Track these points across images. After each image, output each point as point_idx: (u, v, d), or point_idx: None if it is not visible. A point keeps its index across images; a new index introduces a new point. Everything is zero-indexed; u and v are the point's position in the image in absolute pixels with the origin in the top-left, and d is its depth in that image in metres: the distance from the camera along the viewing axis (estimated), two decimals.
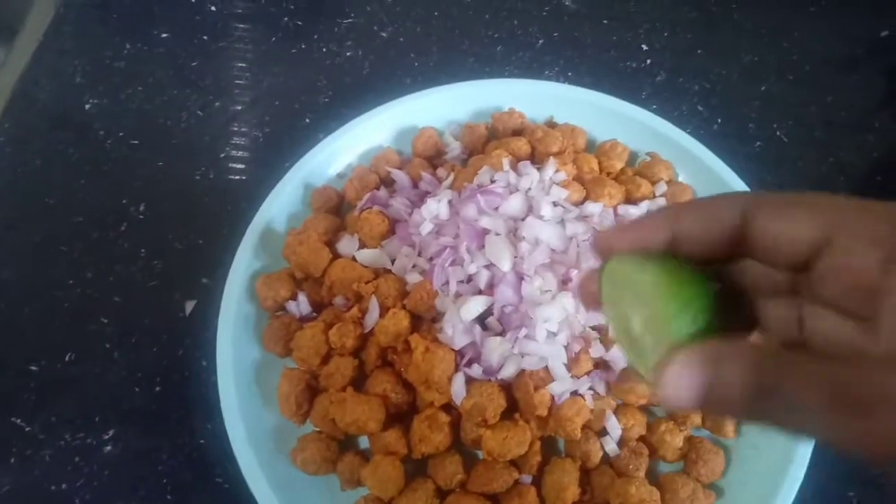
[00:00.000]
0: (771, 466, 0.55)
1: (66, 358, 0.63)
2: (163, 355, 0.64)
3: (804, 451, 0.55)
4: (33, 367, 0.63)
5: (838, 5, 0.86)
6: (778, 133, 0.77)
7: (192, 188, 0.73)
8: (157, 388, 0.62)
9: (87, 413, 0.61)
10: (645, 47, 0.83)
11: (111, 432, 0.60)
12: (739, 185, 0.67)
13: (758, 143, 0.76)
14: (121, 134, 0.76)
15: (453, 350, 0.56)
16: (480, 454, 0.55)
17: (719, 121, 0.78)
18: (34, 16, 0.84)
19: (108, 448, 0.60)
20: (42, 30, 0.83)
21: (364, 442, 0.59)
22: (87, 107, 0.78)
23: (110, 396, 0.62)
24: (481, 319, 0.57)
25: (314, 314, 0.62)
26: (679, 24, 0.84)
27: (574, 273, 0.57)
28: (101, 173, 0.74)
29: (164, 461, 0.59)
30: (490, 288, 0.58)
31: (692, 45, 0.83)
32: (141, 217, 0.71)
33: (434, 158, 0.71)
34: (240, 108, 0.78)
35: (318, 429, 0.58)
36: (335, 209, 0.67)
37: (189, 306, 0.66)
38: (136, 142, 0.76)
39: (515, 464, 0.56)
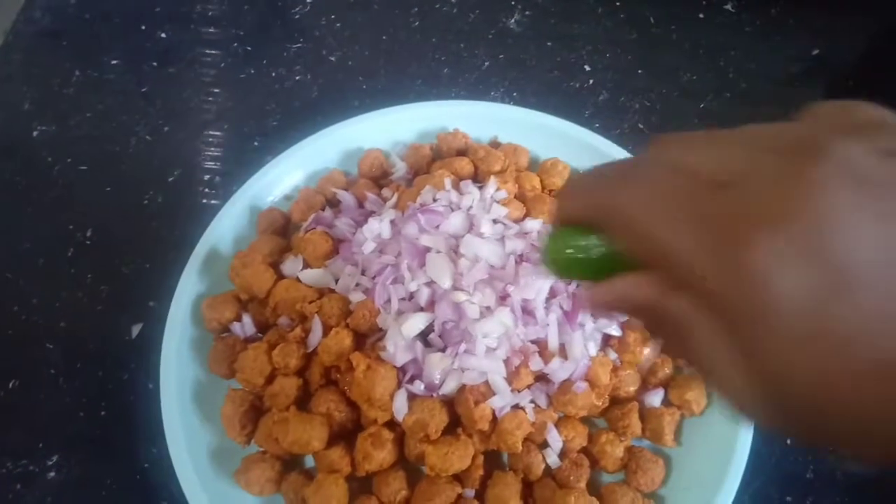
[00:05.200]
0: (709, 473, 0.57)
1: (10, 385, 0.63)
2: (108, 379, 0.64)
3: (741, 457, 0.56)
4: None
5: (772, 26, 0.89)
6: None
7: (140, 213, 0.73)
8: (103, 413, 0.62)
9: (31, 440, 0.60)
10: (588, 68, 0.85)
11: (55, 458, 0.60)
12: None
13: None
14: (69, 160, 0.76)
15: (395, 367, 0.56)
16: (424, 470, 0.56)
17: None
18: None
19: (52, 475, 0.59)
20: None
21: (309, 461, 0.59)
22: (34, 133, 0.78)
23: (54, 422, 0.61)
24: (423, 336, 0.58)
25: (259, 335, 0.63)
26: (620, 45, 0.87)
27: (512, 289, 0.58)
28: (48, 200, 0.74)
29: (108, 486, 0.59)
30: (431, 305, 0.59)
31: (633, 66, 0.86)
32: (88, 242, 0.71)
33: (380, 179, 0.72)
34: (189, 132, 0.79)
35: (262, 449, 0.58)
36: (281, 231, 0.68)
37: (135, 329, 0.66)
38: (83, 168, 0.76)
39: (459, 478, 0.56)
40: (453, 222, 0.62)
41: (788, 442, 0.63)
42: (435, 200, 0.64)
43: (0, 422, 0.61)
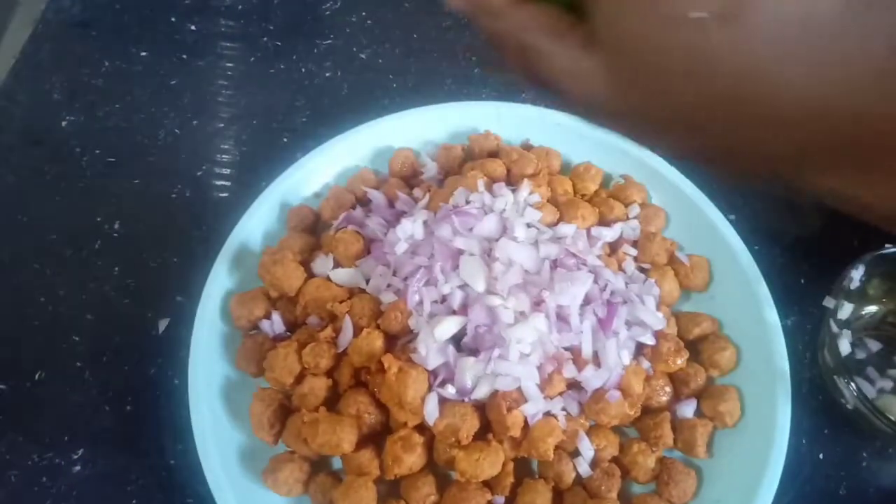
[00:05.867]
0: (742, 487, 0.56)
1: (36, 377, 0.63)
2: (135, 374, 0.63)
3: (775, 472, 0.55)
4: (2, 386, 0.62)
5: None
6: None
7: (168, 206, 0.73)
8: (128, 408, 0.62)
9: (56, 433, 0.60)
10: None
11: (80, 452, 0.59)
12: (710, 207, 0.68)
13: None
14: (97, 151, 0.76)
15: (427, 370, 0.56)
16: (454, 475, 0.55)
17: None
18: (11, 32, 0.84)
19: (77, 468, 0.59)
20: (19, 46, 0.83)
21: (337, 462, 0.58)
22: (63, 124, 0.78)
23: (80, 416, 0.61)
24: (455, 340, 0.58)
25: (288, 333, 0.62)
26: None
27: (546, 294, 0.58)
28: (76, 191, 0.73)
29: (134, 482, 0.58)
30: (464, 308, 0.58)
31: None
32: (115, 235, 0.71)
33: (410, 179, 0.71)
34: (218, 126, 0.79)
35: (290, 449, 0.57)
36: (311, 228, 0.68)
37: (162, 325, 0.65)
38: (112, 159, 0.75)
39: (488, 485, 0.56)
40: (487, 225, 0.61)
41: (821, 457, 0.62)
42: (468, 202, 0.64)
43: (27, 413, 0.61)
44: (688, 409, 0.60)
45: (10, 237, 0.70)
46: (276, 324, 0.61)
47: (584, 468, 0.56)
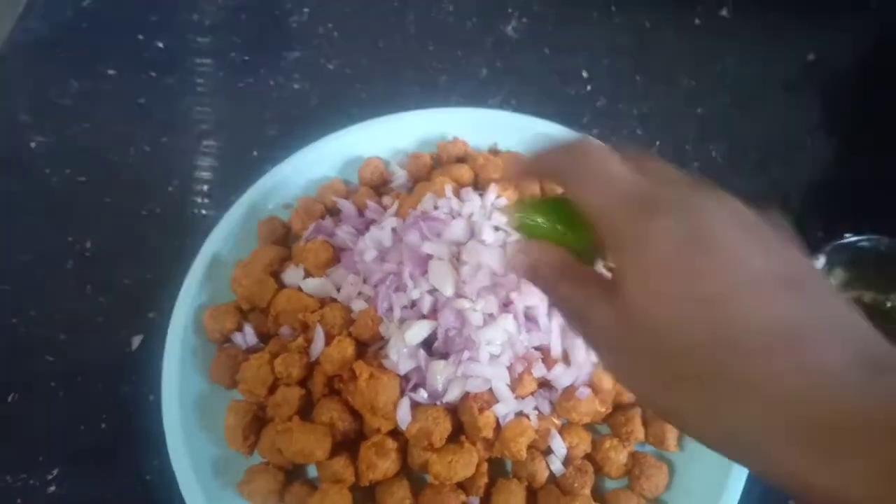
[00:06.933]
0: (713, 478, 0.57)
1: (9, 398, 0.63)
2: (109, 392, 0.63)
3: None
4: None
5: (767, 32, 0.90)
6: (714, 153, 0.80)
7: (139, 224, 0.73)
8: (103, 426, 0.62)
9: (30, 453, 0.60)
10: (585, 74, 0.85)
11: (55, 472, 0.59)
12: None
13: (695, 163, 0.79)
14: (67, 171, 0.76)
15: (398, 375, 0.56)
16: (428, 478, 0.56)
17: (658, 143, 0.80)
18: None
19: (52, 489, 0.59)
20: None
21: (312, 471, 0.59)
22: (32, 144, 0.78)
23: (55, 436, 0.61)
24: (426, 344, 0.58)
25: (261, 345, 0.62)
26: (617, 51, 0.87)
27: (515, 295, 0.58)
28: (47, 211, 0.73)
29: (110, 500, 0.58)
30: (434, 312, 0.59)
31: (630, 72, 0.86)
32: (87, 254, 0.71)
33: (380, 187, 0.72)
34: (188, 142, 0.79)
35: (265, 460, 0.58)
36: (282, 240, 0.68)
37: (136, 341, 0.66)
38: (82, 178, 0.76)
39: (463, 486, 0.56)
40: (455, 229, 0.62)
41: None
42: (436, 208, 0.64)
43: (0, 434, 0.61)
44: None
45: None
46: (248, 336, 0.62)
47: (557, 466, 0.57)
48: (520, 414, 0.57)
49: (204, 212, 0.73)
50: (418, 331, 0.57)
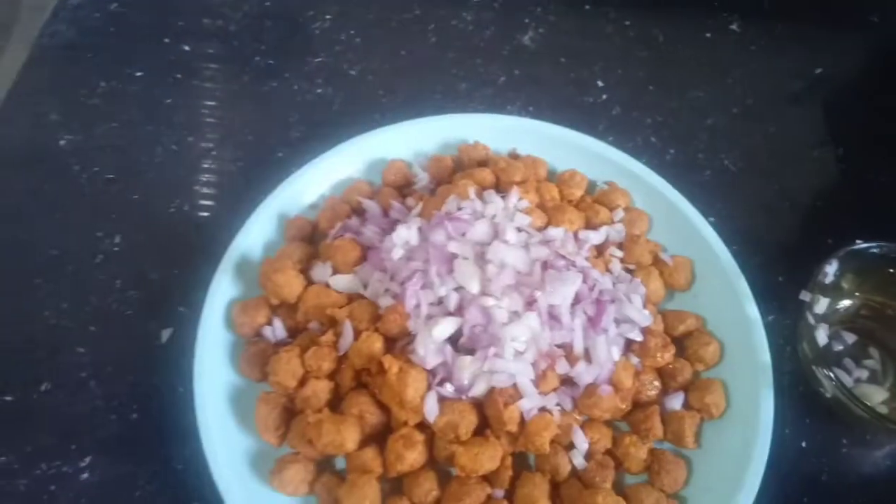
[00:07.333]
0: (730, 474, 0.58)
1: (42, 388, 0.64)
2: (139, 383, 0.65)
3: (760, 459, 0.58)
4: (8, 398, 0.63)
5: (776, 45, 0.93)
6: (725, 162, 0.82)
7: (167, 220, 0.74)
8: (134, 416, 0.63)
9: (63, 442, 0.61)
10: (600, 83, 0.88)
11: (87, 460, 0.61)
12: (691, 210, 0.71)
13: (707, 171, 0.81)
14: (95, 169, 0.78)
15: (425, 370, 0.58)
16: (454, 471, 0.57)
17: (671, 151, 0.83)
18: (9, 55, 0.86)
19: (85, 476, 0.60)
20: (17, 68, 0.85)
21: (341, 462, 0.60)
22: (61, 143, 0.79)
23: (86, 425, 0.62)
24: (452, 340, 0.60)
25: (289, 339, 0.64)
26: (631, 62, 0.90)
27: (538, 294, 0.60)
28: (76, 208, 0.75)
29: (142, 487, 0.60)
30: (460, 309, 0.60)
31: (644, 82, 0.88)
32: (116, 249, 0.72)
33: (403, 188, 0.74)
34: (213, 143, 0.81)
35: (295, 451, 0.59)
36: (308, 238, 0.70)
37: (165, 334, 0.67)
38: (110, 176, 0.77)
39: (488, 479, 0.58)
40: (479, 230, 0.64)
41: (803, 445, 0.65)
42: (460, 209, 0.66)
43: (33, 424, 0.62)
44: (676, 402, 0.62)
45: (13, 254, 0.71)
46: (277, 330, 0.63)
47: (579, 460, 0.59)
48: (543, 409, 0.59)
49: (230, 210, 0.74)
50: (445, 327, 0.59)
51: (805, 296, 0.64)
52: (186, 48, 0.88)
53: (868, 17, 0.97)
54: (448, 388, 0.58)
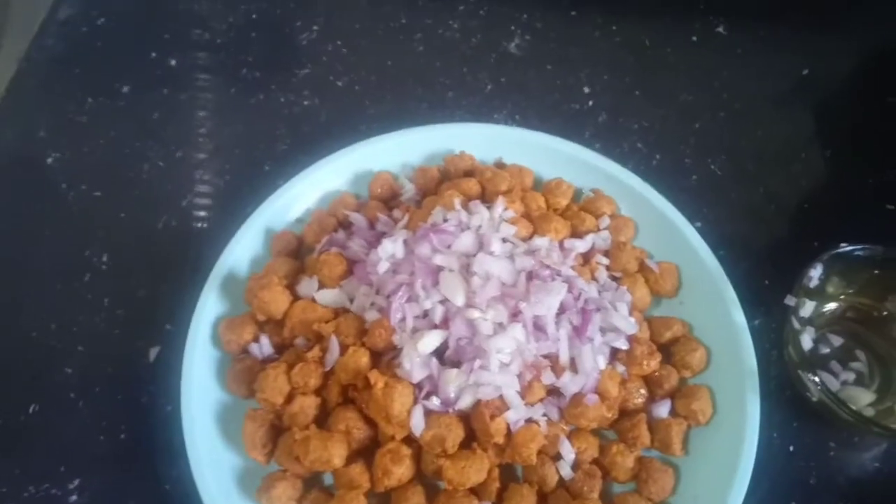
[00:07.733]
0: (717, 481, 0.58)
1: (30, 409, 0.64)
2: (127, 402, 0.65)
3: (747, 465, 0.58)
4: None
5: (763, 47, 0.93)
6: (712, 167, 0.82)
7: (154, 237, 0.75)
8: (122, 436, 0.63)
9: (52, 464, 0.61)
10: (587, 90, 0.88)
11: (76, 482, 0.61)
12: (677, 216, 0.71)
13: (694, 176, 0.81)
14: (83, 186, 0.78)
15: (411, 384, 0.58)
16: (442, 485, 0.57)
17: (658, 157, 0.83)
18: None
19: (74, 498, 0.60)
20: (4, 85, 0.85)
21: (329, 479, 0.60)
22: (49, 160, 0.79)
23: (75, 446, 0.63)
24: (438, 353, 0.60)
25: (276, 355, 0.64)
26: (618, 68, 0.90)
27: (523, 305, 0.60)
28: (64, 225, 0.75)
29: None
30: (445, 322, 0.61)
31: (630, 88, 0.88)
32: (104, 268, 0.72)
33: (390, 200, 0.74)
34: (201, 157, 0.81)
35: (282, 468, 0.59)
36: (295, 253, 0.70)
37: (153, 353, 0.67)
38: (98, 193, 0.77)
39: (475, 491, 0.58)
40: (464, 241, 0.64)
41: (791, 449, 0.65)
42: (445, 220, 0.66)
43: (21, 447, 0.62)
44: (662, 410, 0.62)
45: (0, 273, 0.71)
46: (264, 346, 0.63)
47: (566, 471, 0.59)
48: (529, 420, 0.59)
49: (218, 225, 0.75)
50: (430, 340, 0.59)
51: (790, 300, 0.64)
52: (173, 62, 0.89)
53: (854, 18, 0.97)
54: (434, 402, 0.58)
